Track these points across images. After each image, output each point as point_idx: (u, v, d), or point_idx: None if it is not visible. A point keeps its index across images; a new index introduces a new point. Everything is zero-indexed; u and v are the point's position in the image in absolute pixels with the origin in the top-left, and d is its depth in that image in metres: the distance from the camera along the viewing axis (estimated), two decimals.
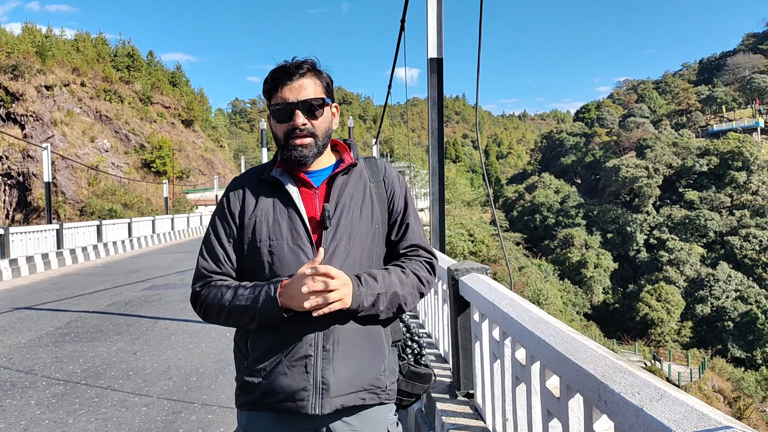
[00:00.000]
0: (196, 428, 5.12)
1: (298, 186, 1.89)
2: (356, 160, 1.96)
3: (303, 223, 1.81)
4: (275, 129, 1.88)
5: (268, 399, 1.78)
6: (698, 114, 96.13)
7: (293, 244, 1.80)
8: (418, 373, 1.99)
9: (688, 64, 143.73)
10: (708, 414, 1.45)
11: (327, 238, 1.80)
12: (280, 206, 1.85)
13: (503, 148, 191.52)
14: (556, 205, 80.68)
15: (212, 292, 1.84)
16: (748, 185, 71.65)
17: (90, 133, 53.27)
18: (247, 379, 1.83)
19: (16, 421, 5.31)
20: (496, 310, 3.10)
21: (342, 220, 1.83)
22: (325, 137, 1.89)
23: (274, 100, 1.85)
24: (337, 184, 1.88)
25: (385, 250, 1.96)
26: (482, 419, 3.66)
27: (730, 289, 58.26)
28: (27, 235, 19.32)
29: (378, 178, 1.97)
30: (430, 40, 7.39)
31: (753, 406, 38.67)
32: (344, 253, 1.80)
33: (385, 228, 1.94)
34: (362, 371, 1.80)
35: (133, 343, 8.31)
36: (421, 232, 2.01)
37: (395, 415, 1.95)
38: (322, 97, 1.85)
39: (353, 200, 1.87)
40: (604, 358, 1.95)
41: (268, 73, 1.87)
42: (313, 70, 1.87)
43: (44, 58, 53.46)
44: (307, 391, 1.74)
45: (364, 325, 1.82)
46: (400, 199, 1.97)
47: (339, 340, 1.77)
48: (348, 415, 1.81)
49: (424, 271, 1.92)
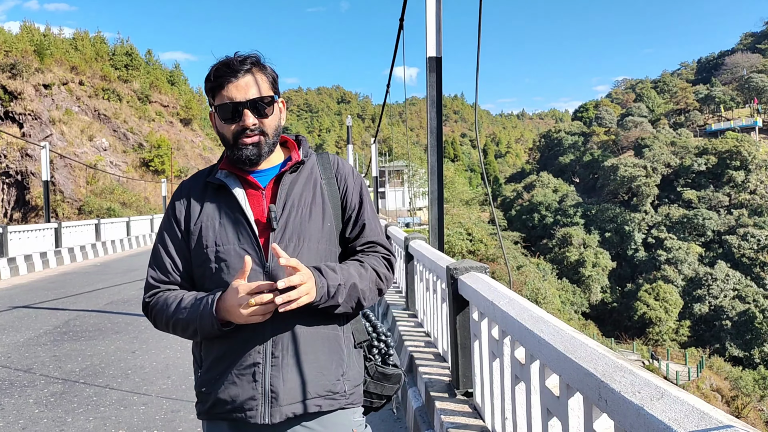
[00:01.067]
0: (195, 427, 5.12)
1: (244, 187, 1.82)
2: (305, 157, 1.90)
3: (249, 227, 1.75)
4: (221, 129, 1.79)
5: (219, 409, 1.74)
6: (696, 113, 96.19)
7: (240, 249, 1.73)
8: (386, 374, 1.94)
9: (686, 64, 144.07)
10: (709, 413, 1.45)
11: (275, 239, 1.74)
12: (225, 210, 1.79)
13: (501, 147, 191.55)
14: (555, 204, 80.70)
15: (159, 303, 1.79)
16: (746, 184, 71.72)
17: (88, 131, 53.18)
18: (201, 388, 1.79)
19: (14, 420, 5.31)
20: (495, 309, 3.10)
21: (290, 220, 1.77)
22: (275, 135, 1.82)
23: (219, 99, 1.76)
24: (285, 184, 1.81)
25: (340, 249, 1.89)
26: (481, 418, 3.66)
27: (728, 288, 58.37)
28: (25, 233, 19.29)
29: (330, 175, 1.90)
30: (429, 39, 7.38)
31: (751, 405, 38.76)
32: (294, 253, 1.74)
33: (339, 225, 1.88)
34: (315, 377, 1.74)
35: (132, 341, 8.30)
36: (379, 229, 1.94)
37: (362, 417, 1.89)
38: (270, 94, 1.78)
39: (302, 199, 1.81)
40: (604, 357, 1.95)
41: (210, 70, 1.77)
42: (258, 65, 1.79)
43: (42, 56, 53.33)
44: (255, 400, 1.70)
45: (318, 329, 1.76)
46: (354, 195, 1.91)
47: (288, 346, 1.72)
48: (306, 421, 1.76)
49: (382, 267, 1.86)
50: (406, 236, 7.40)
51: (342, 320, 1.83)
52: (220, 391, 1.73)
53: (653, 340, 55.34)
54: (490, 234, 46.16)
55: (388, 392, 1.96)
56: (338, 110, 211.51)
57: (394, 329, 6.65)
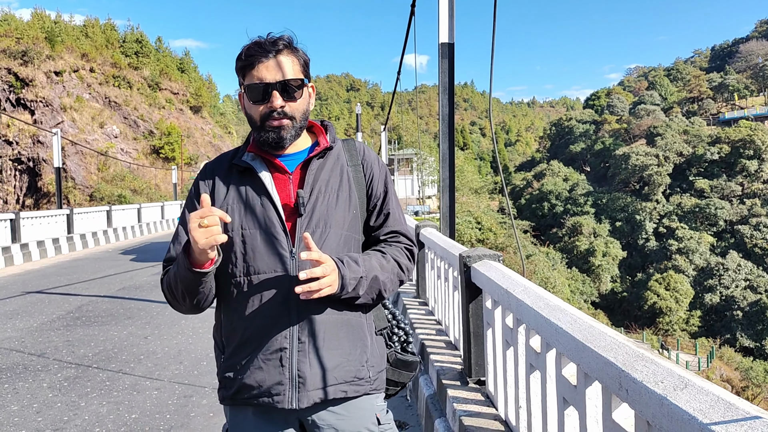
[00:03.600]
0: (207, 412, 5.14)
1: (271, 171, 1.80)
2: (333, 142, 1.86)
3: (276, 211, 1.73)
4: (249, 110, 1.76)
5: (245, 394, 1.73)
6: (710, 101, 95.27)
7: (267, 233, 1.72)
8: (405, 361, 1.95)
9: (699, 51, 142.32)
10: (735, 404, 1.42)
11: (302, 225, 1.72)
12: (252, 193, 1.76)
13: (512, 135, 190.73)
14: (565, 193, 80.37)
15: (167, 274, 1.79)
16: (759, 174, 71.09)
17: (99, 118, 53.37)
18: (224, 374, 1.78)
19: (28, 404, 5.36)
20: (510, 297, 3.07)
21: (317, 206, 1.75)
22: (302, 119, 1.79)
23: (248, 79, 1.73)
24: (312, 169, 1.79)
25: (363, 237, 1.88)
26: (494, 406, 3.64)
27: (740, 279, 58.05)
28: (38, 219, 19.42)
29: (356, 162, 1.88)
30: (442, 25, 7.31)
31: (761, 396, 38.62)
32: (321, 240, 1.73)
33: (364, 214, 1.86)
34: (341, 363, 1.74)
35: (144, 327, 8.35)
36: (402, 219, 1.93)
37: (384, 402, 1.90)
38: (300, 77, 1.75)
39: (329, 185, 1.79)
40: (624, 346, 1.92)
41: (242, 49, 1.74)
42: (290, 47, 1.75)
43: (53, 43, 53.44)
44: (283, 385, 1.69)
45: (343, 315, 1.76)
46: (379, 184, 1.89)
47: (315, 331, 1.71)
48: (332, 406, 1.76)
49: (404, 258, 1.85)
50: (417, 224, 7.38)
51: (365, 308, 1.83)
52: (246, 377, 1.72)
53: (663, 330, 55.19)
54: (499, 223, 46.06)
55: (404, 379, 1.96)
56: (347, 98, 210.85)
57: (405, 317, 6.64)
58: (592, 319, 2.34)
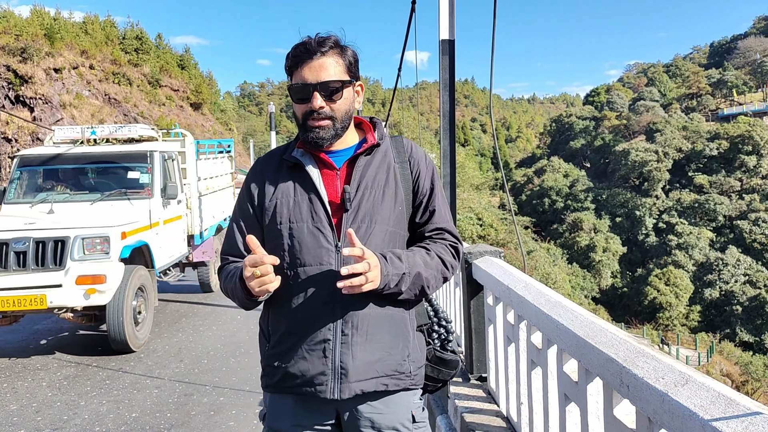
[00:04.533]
0: (207, 410, 5.15)
1: (319, 167, 1.85)
2: (380, 139, 1.90)
3: (323, 206, 1.78)
4: (295, 109, 1.83)
5: (288, 382, 1.79)
6: (708, 98, 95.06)
7: (313, 227, 1.76)
8: (444, 359, 1.96)
9: (698, 48, 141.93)
10: (736, 399, 1.42)
11: (348, 220, 1.77)
12: (300, 188, 1.82)
13: (512, 131, 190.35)
14: (565, 189, 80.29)
15: (222, 274, 1.89)
16: (758, 169, 70.98)
17: (99, 115, 53.21)
18: (269, 362, 1.84)
19: (28, 403, 5.36)
20: (511, 294, 3.07)
21: (363, 202, 1.79)
22: (344, 119, 1.83)
23: (294, 79, 1.79)
24: (359, 165, 1.83)
25: (408, 234, 1.91)
26: (496, 403, 3.65)
27: (739, 274, 58.01)
28: None
29: (403, 158, 1.91)
30: (442, 21, 7.28)
31: (761, 390, 38.67)
32: (366, 235, 1.76)
33: (410, 210, 1.89)
34: (383, 357, 1.77)
35: None
36: (448, 216, 1.95)
37: (420, 399, 1.91)
38: (341, 79, 1.79)
39: (376, 181, 1.83)
40: (625, 342, 1.92)
41: (290, 49, 1.80)
42: (337, 48, 1.80)
43: (53, 40, 53.25)
44: (326, 375, 1.73)
45: (386, 310, 1.78)
46: (426, 180, 1.92)
47: (358, 324, 1.75)
48: (372, 399, 1.79)
49: (448, 255, 1.87)
50: None
51: (408, 304, 1.87)
52: (290, 366, 1.77)
53: (663, 325, 55.19)
54: (500, 219, 46.08)
55: (444, 377, 1.98)
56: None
57: None
58: (593, 315, 2.34)
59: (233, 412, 5.13)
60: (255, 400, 5.40)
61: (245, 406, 5.29)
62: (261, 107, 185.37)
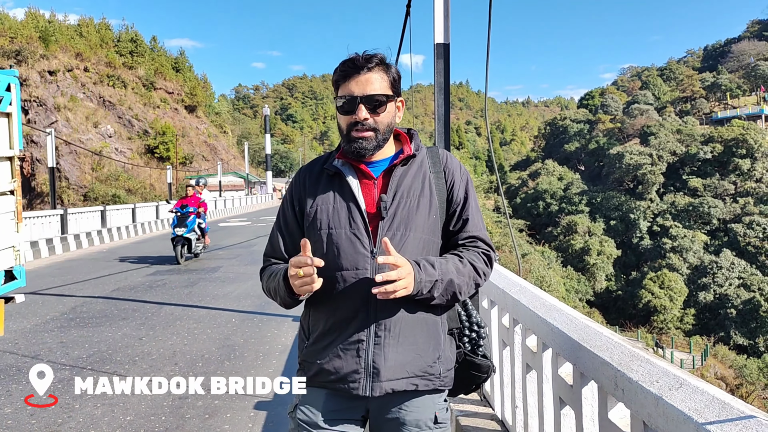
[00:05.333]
0: (202, 414, 5.13)
1: (358, 176, 1.95)
2: (416, 150, 1.99)
3: (361, 213, 1.88)
4: (339, 120, 1.93)
5: (322, 378, 1.89)
6: (702, 101, 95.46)
7: (351, 233, 1.87)
8: (475, 363, 2.02)
9: (692, 51, 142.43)
10: (730, 403, 1.43)
11: (383, 227, 1.86)
12: (339, 196, 1.92)
13: (507, 134, 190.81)
14: (560, 192, 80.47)
15: (264, 273, 2.02)
16: (752, 173, 71.30)
17: (93, 118, 53.20)
18: (306, 357, 1.95)
19: (22, 406, 5.33)
20: (506, 297, 3.08)
21: (399, 210, 1.88)
22: (386, 132, 1.93)
23: (341, 92, 1.89)
24: (396, 175, 1.92)
25: (442, 242, 1.98)
26: (490, 406, 3.65)
27: (733, 277, 58.17)
28: (31, 220, 19.35)
29: (438, 169, 2.00)
30: (437, 26, 7.31)
31: (755, 394, 38.80)
32: (400, 242, 1.84)
33: (443, 218, 1.97)
34: (414, 358, 1.86)
35: (139, 328, 8.32)
36: (482, 224, 2.03)
37: (445, 401, 1.98)
38: (386, 93, 1.89)
39: (411, 191, 1.91)
40: (620, 346, 1.93)
41: (339, 64, 1.91)
42: (382, 65, 1.91)
43: (47, 43, 53.24)
44: (359, 373, 1.84)
45: (418, 314, 1.87)
46: (460, 190, 1.99)
47: (391, 327, 1.84)
48: (401, 398, 1.88)
49: (481, 263, 1.94)
50: None
51: (440, 308, 1.94)
52: (325, 363, 1.88)
53: (658, 328, 55.29)
54: (495, 222, 46.13)
55: (476, 381, 2.05)
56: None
57: None
58: (587, 318, 2.35)
59: (228, 416, 5.12)
60: (250, 404, 5.39)
61: (240, 409, 5.28)
62: (256, 110, 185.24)
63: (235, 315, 9.16)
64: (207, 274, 13.32)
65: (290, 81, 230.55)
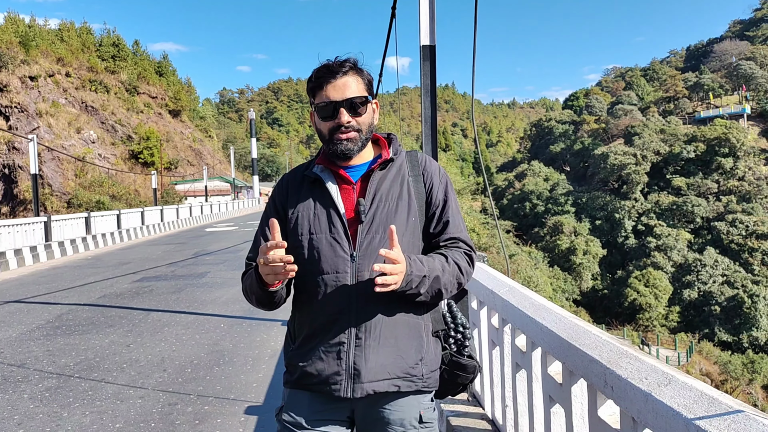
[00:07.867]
0: (192, 419, 5.11)
1: (337, 182, 1.98)
2: (395, 155, 2.03)
3: (340, 218, 1.91)
4: (319, 126, 1.96)
5: (306, 380, 1.92)
6: (685, 101, 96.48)
7: (331, 237, 1.90)
8: (461, 363, 2.02)
9: (675, 51, 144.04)
10: (718, 398, 1.45)
11: (363, 231, 1.89)
12: (320, 202, 1.95)
13: (493, 136, 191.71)
14: (546, 192, 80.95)
15: (245, 277, 2.02)
16: (734, 171, 72.16)
17: (76, 124, 52.72)
18: (291, 361, 1.98)
19: (9, 416, 5.28)
20: (495, 297, 3.10)
21: (377, 213, 1.91)
22: (368, 132, 1.97)
23: (318, 98, 1.92)
24: (374, 180, 1.95)
25: (423, 244, 2.00)
26: (481, 406, 3.67)
27: (717, 274, 58.81)
28: (14, 227, 19.14)
29: (417, 172, 2.03)
30: (423, 28, 7.33)
31: (740, 389, 39.22)
32: (380, 245, 1.87)
33: (423, 220, 1.99)
34: (395, 360, 1.88)
35: (126, 335, 8.26)
36: (462, 226, 2.05)
37: (431, 401, 2.00)
38: (364, 95, 1.93)
39: (390, 194, 1.94)
40: (608, 344, 1.95)
41: (312, 72, 1.94)
42: (355, 69, 1.94)
43: (28, 48, 52.69)
44: (340, 375, 1.86)
45: (399, 316, 1.89)
46: (439, 192, 2.02)
47: (372, 330, 1.87)
48: (383, 399, 1.90)
49: (464, 262, 1.96)
50: None
51: (422, 309, 1.97)
52: (308, 365, 1.91)
53: (643, 325, 55.77)
54: (482, 223, 46.28)
55: (463, 381, 2.06)
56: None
57: None
58: (576, 317, 2.37)
59: (218, 421, 5.09)
60: (240, 409, 5.37)
61: (230, 414, 5.26)
62: (241, 114, 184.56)
63: (224, 320, 9.11)
64: (194, 280, 13.24)
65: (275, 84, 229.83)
